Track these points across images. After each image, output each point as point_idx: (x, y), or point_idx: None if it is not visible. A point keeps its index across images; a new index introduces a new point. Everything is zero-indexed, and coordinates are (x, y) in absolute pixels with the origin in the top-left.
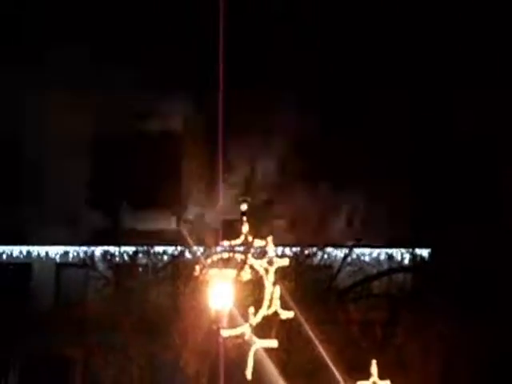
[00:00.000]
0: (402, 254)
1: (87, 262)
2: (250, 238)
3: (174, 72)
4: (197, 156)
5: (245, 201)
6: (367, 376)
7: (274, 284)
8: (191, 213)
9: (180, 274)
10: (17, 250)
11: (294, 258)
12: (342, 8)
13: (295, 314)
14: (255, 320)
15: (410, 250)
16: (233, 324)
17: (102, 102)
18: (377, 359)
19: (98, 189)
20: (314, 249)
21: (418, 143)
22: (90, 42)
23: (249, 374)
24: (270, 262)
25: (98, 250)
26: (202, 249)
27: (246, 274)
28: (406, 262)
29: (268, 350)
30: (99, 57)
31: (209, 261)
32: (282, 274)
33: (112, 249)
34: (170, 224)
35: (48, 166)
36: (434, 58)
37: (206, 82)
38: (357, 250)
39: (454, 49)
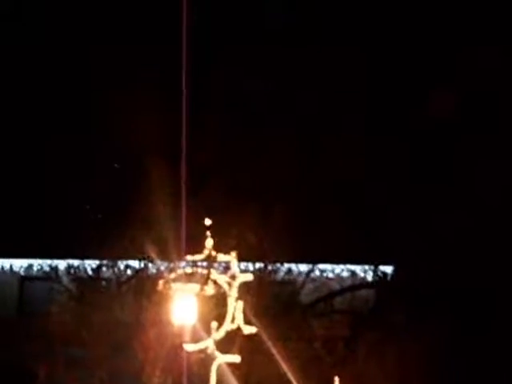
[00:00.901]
0: (364, 271)
1: (51, 276)
2: (213, 253)
3: None
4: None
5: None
6: None
7: (237, 299)
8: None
9: (143, 288)
10: None
11: (258, 273)
12: None
13: (258, 330)
14: (218, 335)
15: (373, 266)
16: (196, 338)
17: None
18: (339, 375)
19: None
20: (278, 264)
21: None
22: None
23: None
24: (234, 277)
25: (62, 264)
26: (165, 263)
27: (210, 289)
28: (369, 278)
29: (231, 365)
30: None
31: (172, 275)
32: (245, 289)
33: (76, 262)
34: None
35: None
36: None
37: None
38: (320, 266)
39: None
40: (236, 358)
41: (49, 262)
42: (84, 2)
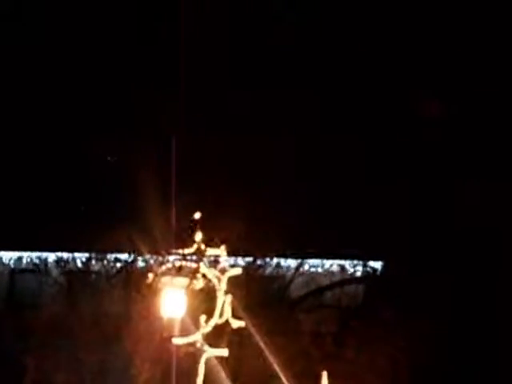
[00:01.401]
0: (354, 266)
1: (41, 268)
2: (202, 247)
3: None
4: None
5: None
6: None
7: (226, 293)
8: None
9: (132, 281)
10: None
11: (247, 267)
12: None
13: (247, 324)
14: (207, 328)
15: (362, 262)
16: (185, 332)
17: None
18: (327, 370)
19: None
20: (267, 259)
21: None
22: None
23: (200, 383)
24: (223, 271)
25: (52, 256)
26: (154, 256)
27: (199, 283)
28: (359, 273)
29: (219, 359)
30: None
31: (161, 269)
32: (234, 284)
33: (65, 255)
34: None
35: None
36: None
37: None
38: (309, 261)
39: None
40: (224, 352)
41: (38, 254)
42: (84, 2)
